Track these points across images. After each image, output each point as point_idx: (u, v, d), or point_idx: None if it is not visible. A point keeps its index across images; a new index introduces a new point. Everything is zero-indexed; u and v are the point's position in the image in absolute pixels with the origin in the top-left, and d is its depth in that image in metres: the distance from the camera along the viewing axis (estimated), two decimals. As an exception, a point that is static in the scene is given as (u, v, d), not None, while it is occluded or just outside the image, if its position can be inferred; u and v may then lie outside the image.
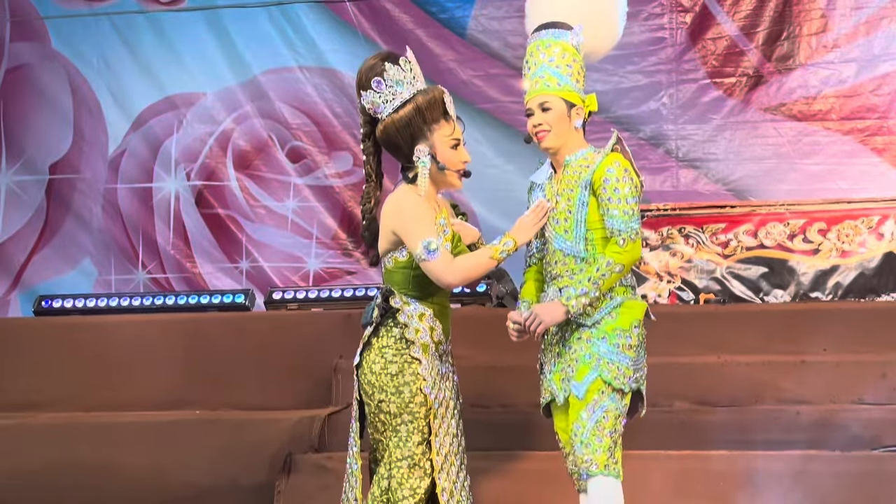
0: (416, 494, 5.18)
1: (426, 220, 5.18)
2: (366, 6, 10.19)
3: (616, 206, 5.16)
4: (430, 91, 5.25)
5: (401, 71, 5.25)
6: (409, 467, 5.19)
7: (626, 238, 5.15)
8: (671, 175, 9.67)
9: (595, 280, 5.12)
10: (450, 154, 5.25)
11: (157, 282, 10.36)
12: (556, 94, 5.25)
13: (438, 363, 5.26)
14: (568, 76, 5.25)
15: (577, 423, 5.16)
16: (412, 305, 5.23)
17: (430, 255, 5.14)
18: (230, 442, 7.30)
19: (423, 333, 5.22)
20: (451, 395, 5.30)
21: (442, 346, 5.27)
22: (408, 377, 5.20)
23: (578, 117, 5.26)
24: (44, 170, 10.55)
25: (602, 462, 5.13)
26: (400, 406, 5.20)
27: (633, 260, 5.16)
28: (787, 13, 9.56)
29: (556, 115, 5.26)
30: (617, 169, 5.18)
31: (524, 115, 5.39)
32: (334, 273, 10.16)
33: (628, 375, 5.16)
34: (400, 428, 5.20)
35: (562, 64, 5.26)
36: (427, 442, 5.20)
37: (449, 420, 5.27)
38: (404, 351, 5.22)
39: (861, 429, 6.71)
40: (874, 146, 9.38)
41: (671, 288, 8.48)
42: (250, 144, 10.36)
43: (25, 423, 7.70)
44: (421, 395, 5.19)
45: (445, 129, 5.25)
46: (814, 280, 8.40)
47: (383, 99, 5.26)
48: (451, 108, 5.28)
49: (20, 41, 10.61)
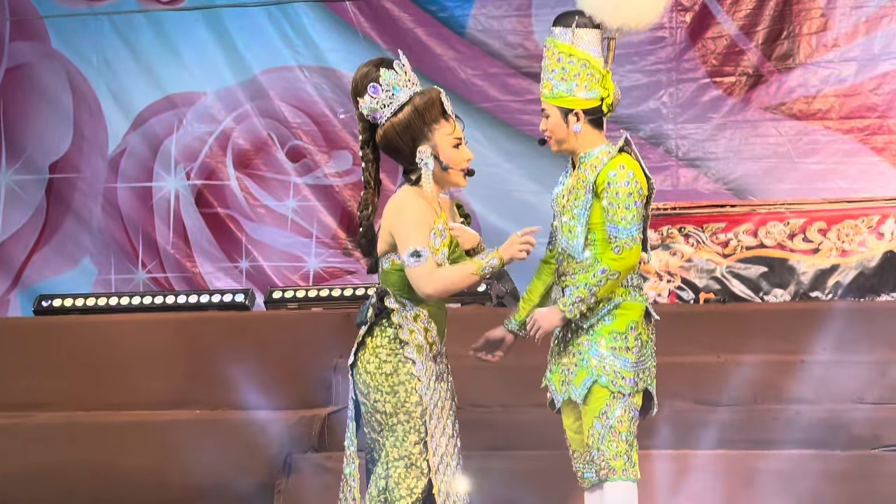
0: (413, 494, 5.18)
1: (421, 225, 5.17)
2: (365, 5, 10.19)
3: (615, 212, 5.13)
4: (426, 92, 5.24)
5: (395, 74, 5.24)
6: (406, 467, 5.19)
7: (622, 245, 5.12)
8: (671, 174, 9.67)
9: (591, 286, 5.11)
10: (452, 153, 5.24)
11: (156, 281, 10.36)
12: (550, 101, 5.23)
13: (433, 364, 5.26)
14: (561, 81, 5.20)
15: (591, 430, 5.17)
16: (407, 307, 5.23)
17: (414, 263, 5.13)
18: (230, 442, 7.30)
19: (417, 334, 5.22)
20: (446, 396, 5.30)
21: (436, 347, 5.27)
22: (402, 377, 5.19)
23: (577, 121, 5.23)
24: (44, 169, 10.55)
25: (620, 467, 5.14)
26: (395, 406, 5.20)
27: (629, 267, 5.13)
28: (786, 12, 9.56)
29: (553, 123, 5.24)
30: (620, 172, 5.15)
31: (523, 114, 5.39)
32: (334, 272, 10.17)
33: (627, 378, 5.15)
34: (396, 427, 5.20)
35: (556, 68, 5.22)
36: (423, 442, 5.20)
37: (445, 421, 5.26)
38: (398, 351, 5.21)
39: (861, 429, 6.71)
40: (874, 145, 9.38)
41: (671, 287, 8.48)
42: (250, 144, 10.36)
43: (25, 423, 7.70)
44: (416, 395, 5.19)
45: (446, 129, 5.24)
46: (814, 279, 8.40)
47: (381, 104, 5.25)
48: (450, 107, 5.27)
49: (20, 40, 10.61)
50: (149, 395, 7.77)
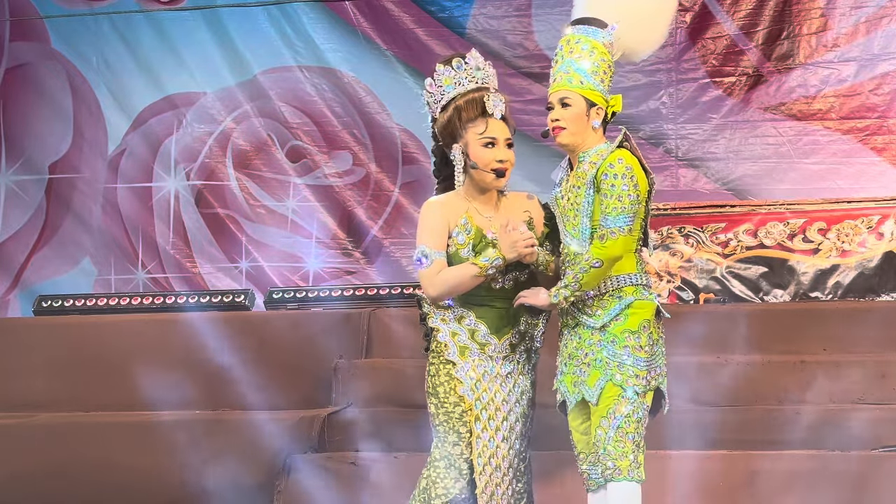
0: (449, 494, 5.19)
1: (430, 229, 5.24)
2: (365, 5, 10.20)
3: (607, 203, 5.14)
4: (473, 91, 5.27)
5: (450, 70, 5.30)
6: (446, 468, 5.22)
7: (607, 234, 5.13)
8: (671, 174, 9.68)
9: (575, 273, 5.13)
10: (481, 152, 5.25)
11: (156, 282, 10.36)
12: (578, 91, 5.23)
13: (490, 364, 5.26)
14: (593, 74, 5.22)
15: (599, 431, 5.16)
16: (452, 309, 5.27)
17: (419, 265, 5.22)
18: (230, 442, 7.30)
19: (461, 336, 5.25)
20: (506, 398, 5.29)
21: (492, 347, 5.27)
22: (442, 378, 5.24)
23: (598, 117, 5.23)
24: (44, 169, 10.56)
25: (625, 468, 5.13)
26: (437, 406, 5.25)
27: (612, 256, 5.13)
28: (786, 12, 9.57)
29: (574, 113, 5.24)
30: (618, 166, 5.16)
31: (523, 115, 5.39)
32: (334, 273, 10.17)
33: (641, 376, 5.15)
34: (438, 428, 5.25)
35: (589, 62, 5.23)
36: (467, 443, 5.21)
37: (499, 423, 5.26)
38: (441, 353, 5.26)
39: (861, 429, 6.71)
40: (874, 145, 9.39)
41: (671, 287, 8.48)
42: (250, 144, 10.36)
43: (25, 423, 7.70)
44: (455, 395, 5.21)
45: (479, 128, 5.25)
46: (814, 280, 8.40)
47: (434, 99, 5.33)
48: (496, 108, 5.27)
49: (20, 41, 10.62)
50: (149, 395, 7.77)
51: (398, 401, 7.20)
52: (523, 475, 5.32)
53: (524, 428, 5.31)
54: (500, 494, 5.23)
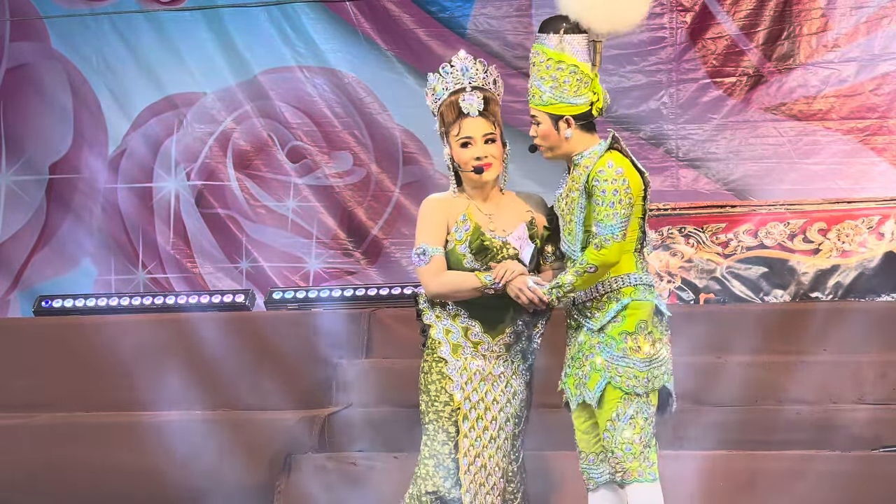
0: (439, 492, 5.20)
1: (428, 225, 5.27)
2: (365, 6, 10.19)
3: (598, 209, 5.14)
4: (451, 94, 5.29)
5: (439, 77, 5.34)
6: (435, 466, 5.23)
7: (601, 242, 5.13)
8: (671, 175, 9.67)
9: (570, 276, 5.14)
10: (460, 153, 5.30)
11: (157, 282, 10.36)
12: (541, 108, 5.22)
13: (483, 363, 5.26)
14: (551, 88, 5.19)
15: (605, 434, 5.17)
16: (446, 306, 5.27)
17: (418, 261, 5.25)
18: (230, 442, 7.30)
19: (454, 334, 5.26)
20: (497, 398, 5.29)
21: (485, 346, 5.27)
22: (434, 375, 5.26)
23: (569, 126, 5.21)
24: (44, 170, 10.55)
25: (635, 470, 5.14)
26: (427, 404, 5.27)
27: (606, 263, 5.13)
28: (787, 13, 9.56)
29: (543, 129, 5.24)
30: (608, 170, 5.15)
31: (524, 115, 5.39)
32: (334, 273, 10.16)
33: (640, 378, 5.15)
34: (427, 426, 5.27)
35: (545, 75, 5.20)
36: (455, 442, 5.21)
37: (487, 422, 5.26)
38: (434, 349, 5.27)
39: (861, 429, 6.72)
40: (874, 146, 9.38)
41: (671, 288, 8.48)
42: (250, 144, 10.36)
43: (25, 423, 7.70)
44: (445, 394, 5.22)
45: (455, 129, 5.29)
46: (814, 280, 8.40)
47: (432, 109, 5.38)
48: (470, 106, 5.27)
49: (20, 41, 10.61)
50: (149, 395, 7.77)
51: (398, 401, 7.20)
52: (515, 475, 5.32)
53: (516, 429, 5.31)
54: (485, 494, 5.23)
